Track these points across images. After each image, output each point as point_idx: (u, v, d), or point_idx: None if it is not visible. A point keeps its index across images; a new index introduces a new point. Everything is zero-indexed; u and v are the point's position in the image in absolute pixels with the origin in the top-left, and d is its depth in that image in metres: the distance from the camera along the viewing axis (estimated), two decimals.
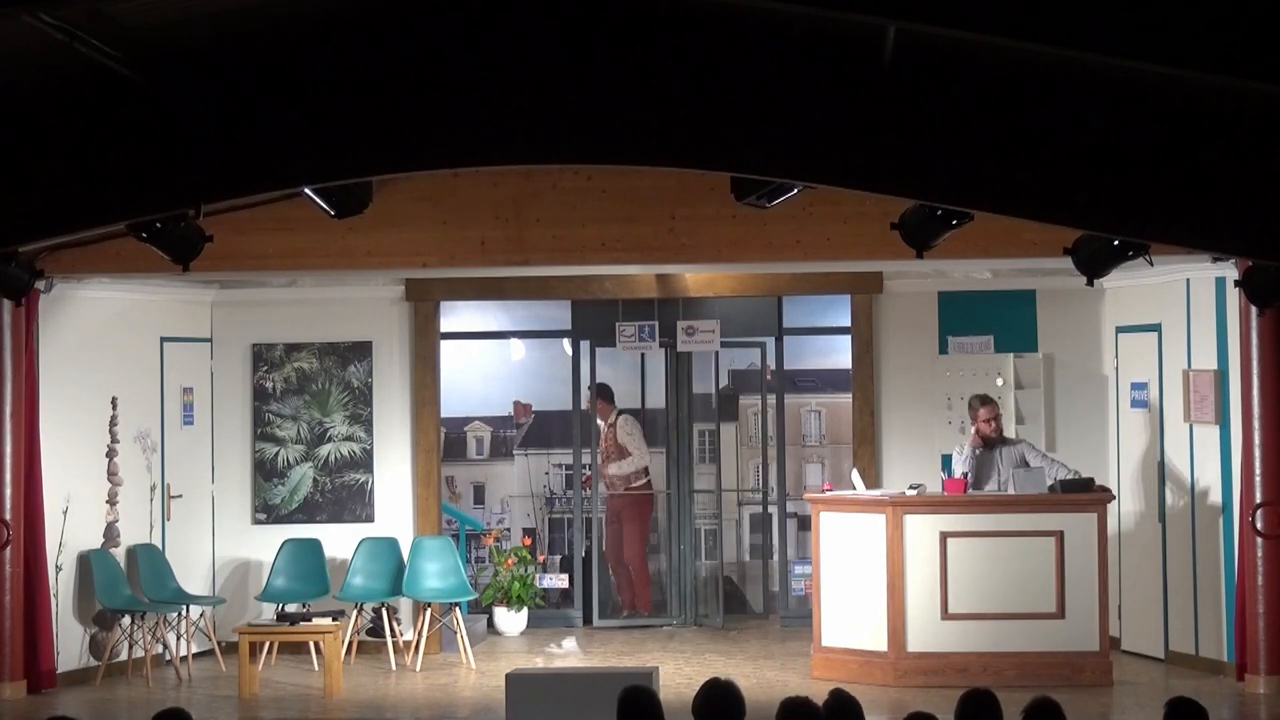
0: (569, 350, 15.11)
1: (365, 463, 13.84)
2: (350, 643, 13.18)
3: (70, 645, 12.69)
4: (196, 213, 9.18)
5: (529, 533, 16.36)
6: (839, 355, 15.12)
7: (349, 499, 13.83)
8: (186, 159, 8.74)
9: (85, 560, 12.76)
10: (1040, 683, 10.84)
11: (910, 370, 13.86)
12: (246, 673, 12.01)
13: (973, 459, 12.46)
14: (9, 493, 12.07)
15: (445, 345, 14.27)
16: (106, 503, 13.04)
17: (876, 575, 12.00)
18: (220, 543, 13.88)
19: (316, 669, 12.70)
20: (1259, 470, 11.72)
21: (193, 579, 13.54)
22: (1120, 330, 13.39)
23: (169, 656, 13.03)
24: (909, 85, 8.24)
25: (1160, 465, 12.83)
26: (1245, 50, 6.70)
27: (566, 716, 10.20)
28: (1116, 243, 9.45)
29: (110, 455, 13.07)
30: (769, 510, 15.47)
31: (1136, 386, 13.14)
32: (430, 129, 8.67)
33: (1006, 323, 13.82)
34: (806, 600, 13.96)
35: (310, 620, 12.29)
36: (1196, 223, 8.81)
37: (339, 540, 13.66)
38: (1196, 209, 8.70)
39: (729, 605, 15.05)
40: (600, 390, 14.93)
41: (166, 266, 9.80)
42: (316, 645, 12.77)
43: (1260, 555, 11.68)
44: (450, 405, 15.01)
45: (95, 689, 12.47)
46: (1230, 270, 11.73)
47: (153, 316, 13.45)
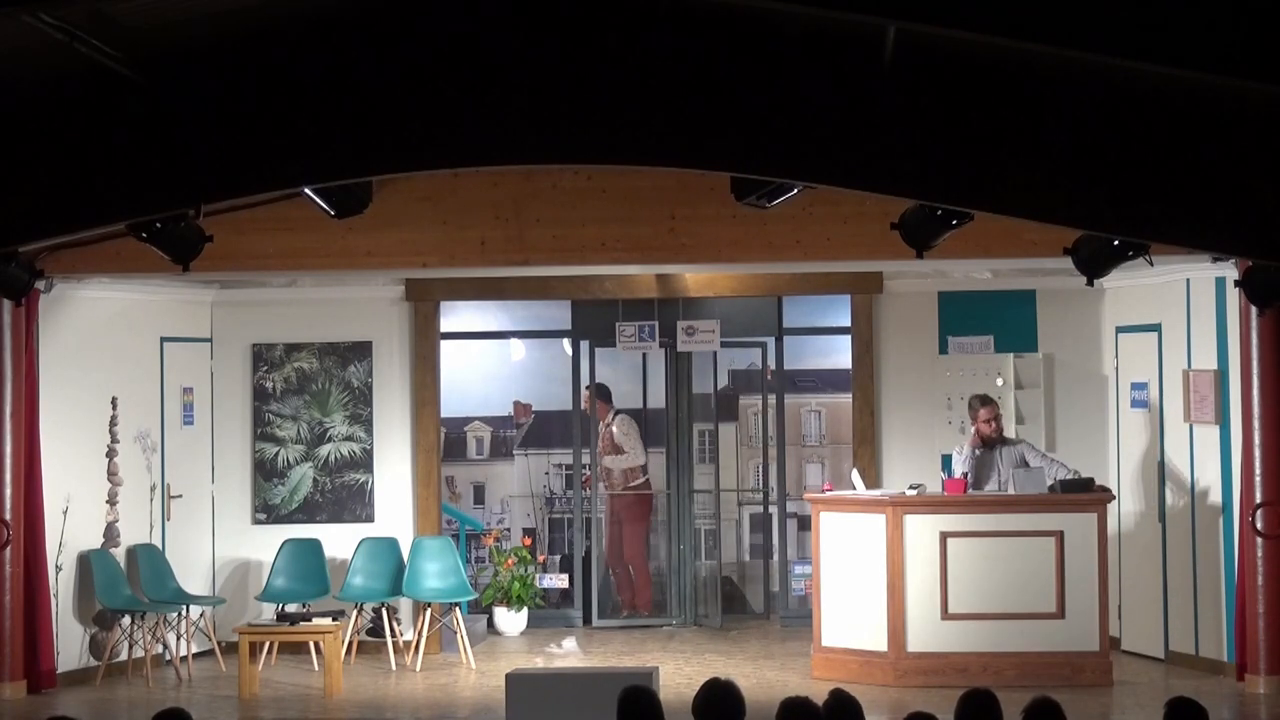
0: (569, 350, 15.11)
1: (365, 463, 13.84)
2: (350, 643, 13.18)
3: (70, 645, 12.69)
4: (196, 213, 9.18)
5: (529, 533, 16.35)
6: (839, 355, 15.11)
7: (349, 499, 13.83)
8: (186, 159, 8.73)
9: (85, 560, 12.76)
10: (1040, 683, 10.83)
11: (910, 370, 13.86)
12: (246, 673, 12.01)
13: (973, 459, 12.46)
14: (9, 493, 12.07)
15: (445, 345, 14.26)
16: (106, 503, 13.04)
17: (876, 575, 12.00)
18: (220, 543, 13.88)
19: (316, 669, 12.70)
20: (1259, 470, 11.71)
21: (193, 579, 13.54)
22: (1120, 330, 13.39)
23: (169, 656, 13.03)
24: (909, 85, 8.24)
25: (1160, 465, 12.83)
26: (1245, 50, 6.70)
27: (566, 716, 10.20)
28: (1116, 243, 9.45)
29: (110, 455, 13.07)
30: (769, 510, 15.47)
31: (1136, 386, 13.14)
32: (430, 129, 8.66)
33: (1006, 323, 13.81)
34: (806, 600, 13.96)
35: (310, 620, 12.29)
36: (1196, 223, 8.81)
37: (339, 540, 13.66)
38: (1196, 209, 8.70)
39: (729, 605, 15.06)
40: (599, 390, 14.93)
41: (166, 266, 9.79)
42: (316, 645, 12.76)
43: (1260, 555, 11.68)
44: (450, 405, 15.01)
45: (95, 689, 12.47)
46: (1230, 270, 11.72)
47: (153, 316, 13.44)
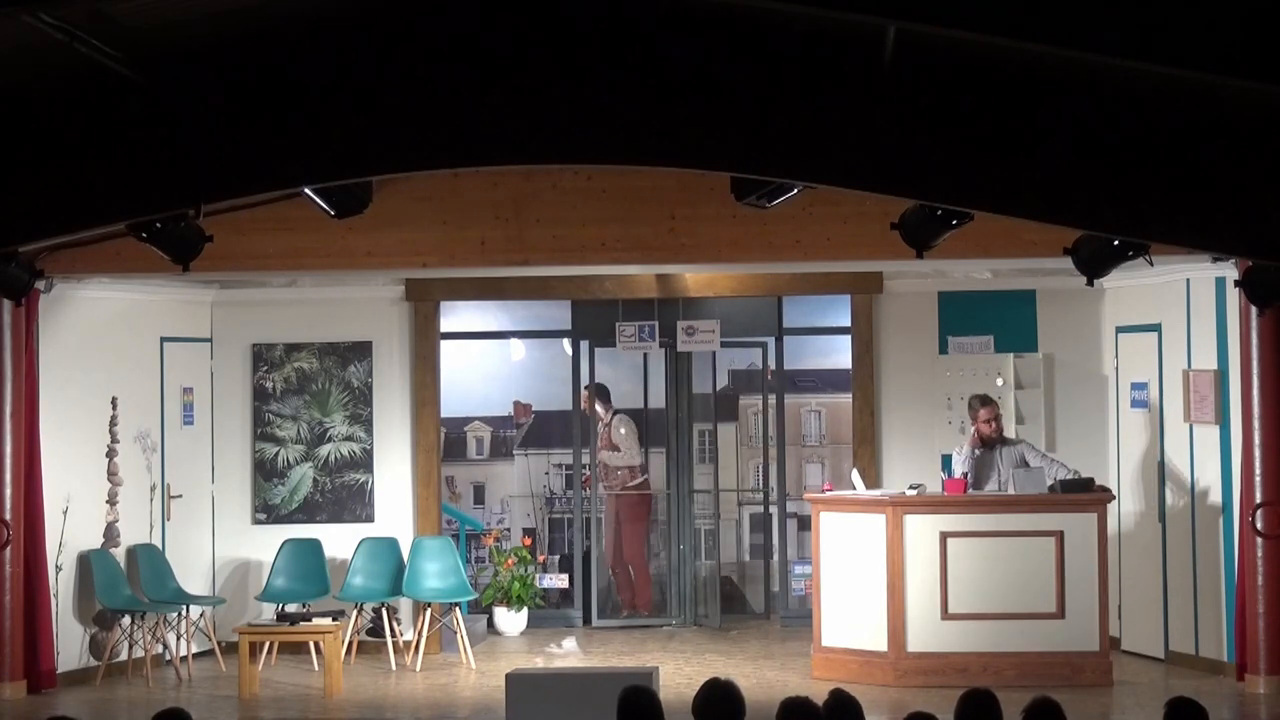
0: (569, 350, 15.11)
1: (365, 463, 13.84)
2: (350, 643, 13.18)
3: (70, 645, 12.69)
4: (196, 213, 9.18)
5: (529, 533, 16.35)
6: (839, 355, 15.11)
7: (349, 499, 13.83)
8: (186, 159, 8.73)
9: (85, 560, 12.76)
10: (1040, 683, 10.83)
11: (910, 370, 13.85)
12: (246, 673, 12.01)
13: (973, 459, 12.46)
14: (9, 493, 12.07)
15: (445, 345, 14.26)
16: (106, 503, 13.04)
17: (876, 575, 12.00)
18: (220, 543, 13.88)
19: (316, 669, 12.70)
20: (1259, 470, 11.71)
21: (193, 579, 13.54)
22: (1120, 330, 13.39)
23: (169, 656, 13.03)
24: (909, 85, 8.24)
25: (1160, 465, 12.83)
26: (1245, 50, 6.70)
27: (566, 716, 10.20)
28: (1116, 243, 9.44)
29: (110, 455, 13.06)
30: (769, 510, 15.47)
31: (1136, 386, 13.14)
32: (430, 129, 8.66)
33: (1006, 323, 13.81)
34: (806, 600, 13.95)
35: (310, 620, 12.29)
36: (1196, 223, 8.81)
37: (339, 540, 13.66)
38: (1196, 209, 8.70)
39: (729, 605, 15.06)
40: (598, 390, 14.93)
41: (166, 266, 9.80)
42: (316, 645, 12.76)
43: (1260, 555, 11.68)
44: (450, 405, 15.00)
45: (95, 689, 12.47)
46: (1230, 270, 11.72)
47: (153, 316, 13.44)
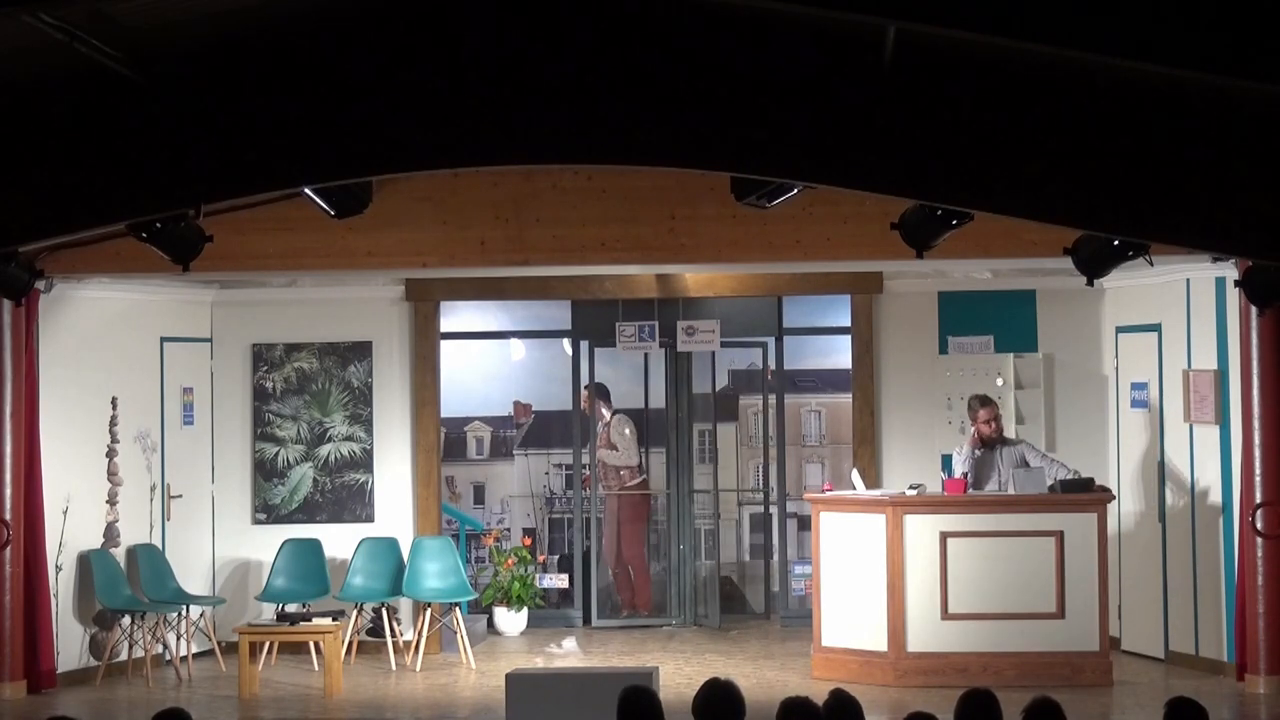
0: (569, 350, 15.11)
1: (365, 463, 13.84)
2: (350, 643, 13.18)
3: (70, 645, 12.69)
4: (196, 213, 9.18)
5: (529, 533, 16.35)
6: (839, 355, 15.11)
7: (349, 499, 13.83)
8: (186, 159, 8.73)
9: (85, 560, 12.76)
10: (1040, 683, 10.83)
11: (910, 370, 13.85)
12: (246, 673, 12.01)
13: (973, 459, 12.46)
14: (9, 493, 12.07)
15: (445, 345, 14.26)
16: (106, 503, 13.04)
17: (876, 575, 12.00)
18: (220, 543, 13.88)
19: (316, 669, 12.70)
20: (1259, 470, 11.71)
21: (193, 579, 13.54)
22: (1120, 330, 13.39)
23: (169, 656, 13.03)
24: (909, 85, 8.24)
25: (1160, 465, 12.83)
26: (1245, 50, 6.70)
27: (566, 716, 10.19)
28: (1116, 243, 9.44)
29: (110, 455, 13.07)
30: (769, 510, 15.46)
31: (1136, 386, 13.14)
32: (430, 129, 8.66)
33: (1006, 323, 13.81)
34: (806, 600, 13.95)
35: (310, 620, 12.29)
36: (1196, 223, 8.80)
37: (339, 540, 13.66)
38: (1196, 209, 8.70)
39: (729, 605, 15.06)
40: (598, 389, 14.94)
41: (166, 266, 9.80)
42: (316, 645, 12.76)
43: (1260, 555, 11.68)
44: (450, 405, 15.00)
45: (95, 689, 12.47)
46: (1230, 270, 11.72)
47: (153, 316, 13.44)
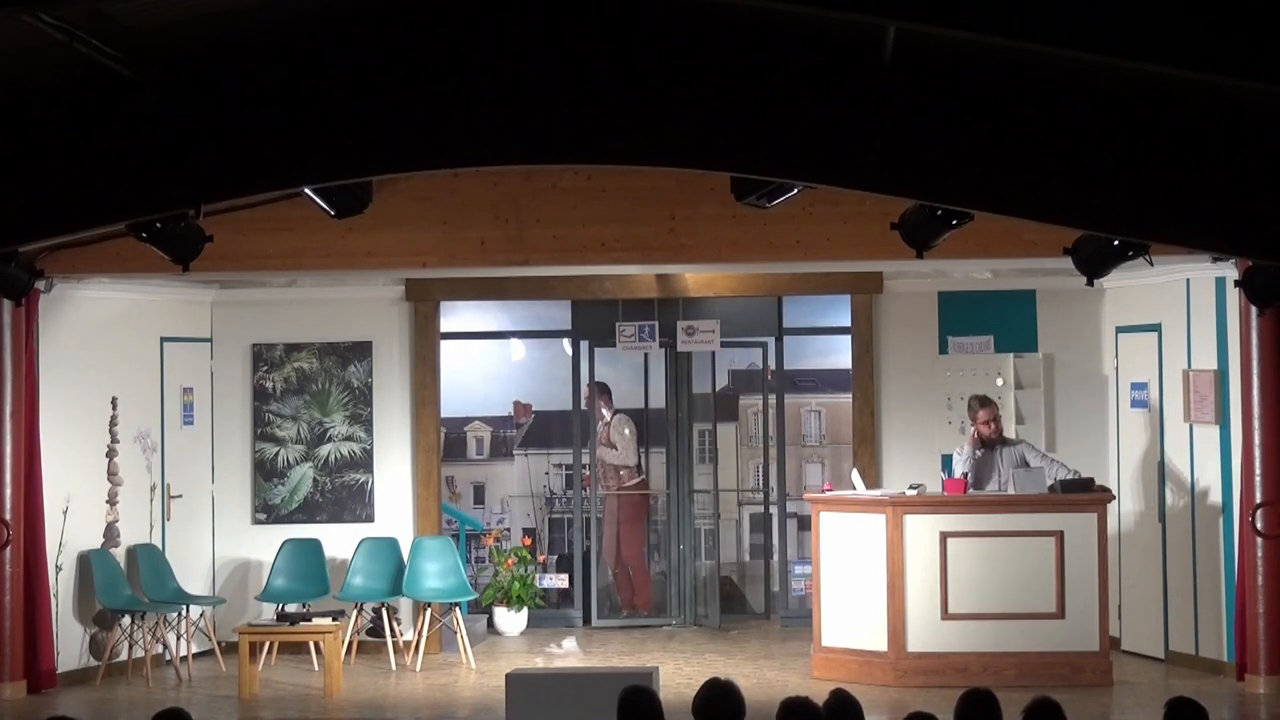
0: (569, 350, 15.11)
1: (365, 463, 13.84)
2: (350, 643, 13.18)
3: (70, 645, 12.69)
4: (196, 213, 9.18)
5: (529, 533, 16.34)
6: (839, 355, 15.11)
7: (349, 499, 13.83)
8: (186, 159, 8.73)
9: (85, 560, 12.75)
10: (1040, 683, 10.83)
11: (910, 370, 13.85)
12: (246, 673, 12.01)
13: (973, 459, 12.46)
14: (9, 493, 12.06)
15: (445, 345, 14.26)
16: (106, 503, 13.04)
17: (876, 575, 12.00)
18: (220, 543, 13.88)
19: (316, 669, 12.70)
20: (1259, 470, 11.71)
21: (193, 579, 13.54)
22: (1120, 330, 13.39)
23: (169, 656, 13.03)
24: (909, 85, 8.24)
25: (1160, 465, 12.83)
26: (1245, 50, 6.70)
27: (566, 716, 10.20)
28: (1116, 243, 9.44)
29: (110, 455, 13.06)
30: (769, 510, 15.46)
31: (1136, 386, 13.14)
32: (430, 129, 8.66)
33: (1006, 323, 13.81)
34: (806, 600, 13.95)
35: (310, 620, 12.29)
36: (1196, 223, 8.80)
37: (339, 540, 13.66)
38: (1196, 209, 8.70)
39: (729, 605, 15.06)
40: (599, 387, 14.97)
41: (166, 266, 9.80)
42: (316, 645, 12.76)
43: (1260, 555, 11.68)
44: (450, 405, 15.00)
45: (95, 689, 12.47)
46: (1230, 270, 11.72)
47: (153, 316, 13.44)
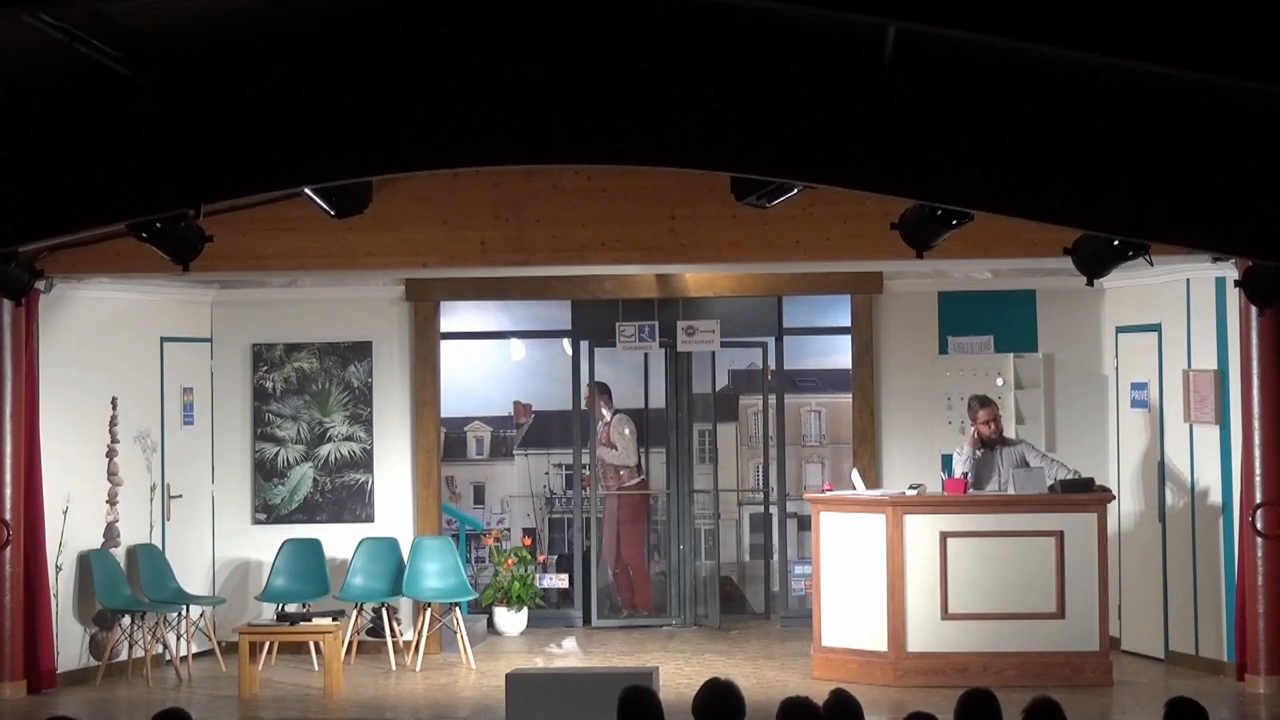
0: (569, 350, 15.11)
1: (365, 463, 13.84)
2: (350, 643, 13.17)
3: (70, 645, 12.69)
4: (196, 213, 9.18)
5: (529, 533, 16.34)
6: (839, 355, 15.11)
7: (349, 499, 13.83)
8: (186, 159, 8.73)
9: (85, 560, 12.75)
10: (1040, 683, 10.83)
11: (910, 370, 13.85)
12: (246, 673, 12.01)
13: (973, 459, 12.46)
14: (9, 493, 12.06)
15: (445, 345, 14.26)
16: (106, 503, 13.04)
17: (876, 575, 12.00)
18: (220, 543, 13.88)
19: (316, 669, 12.70)
20: (1259, 470, 11.71)
21: (193, 579, 13.54)
22: (1120, 330, 13.39)
23: (169, 656, 13.03)
24: (909, 85, 8.24)
25: (1160, 465, 12.83)
26: (1245, 50, 6.70)
27: (566, 716, 10.19)
28: (1116, 243, 9.44)
29: (110, 455, 13.06)
30: (769, 510, 15.46)
31: (1136, 386, 13.14)
32: (430, 129, 8.66)
33: (1006, 323, 13.81)
34: (806, 600, 13.95)
35: (310, 620, 12.29)
36: (1196, 223, 8.80)
37: (339, 540, 13.66)
38: (1196, 209, 8.70)
39: (729, 605, 15.06)
40: (600, 387, 14.98)
41: (166, 266, 9.80)
42: (316, 645, 12.76)
43: (1260, 555, 11.68)
44: (450, 405, 15.00)
45: (95, 689, 12.47)
46: (1230, 270, 11.72)
47: (153, 316, 13.44)
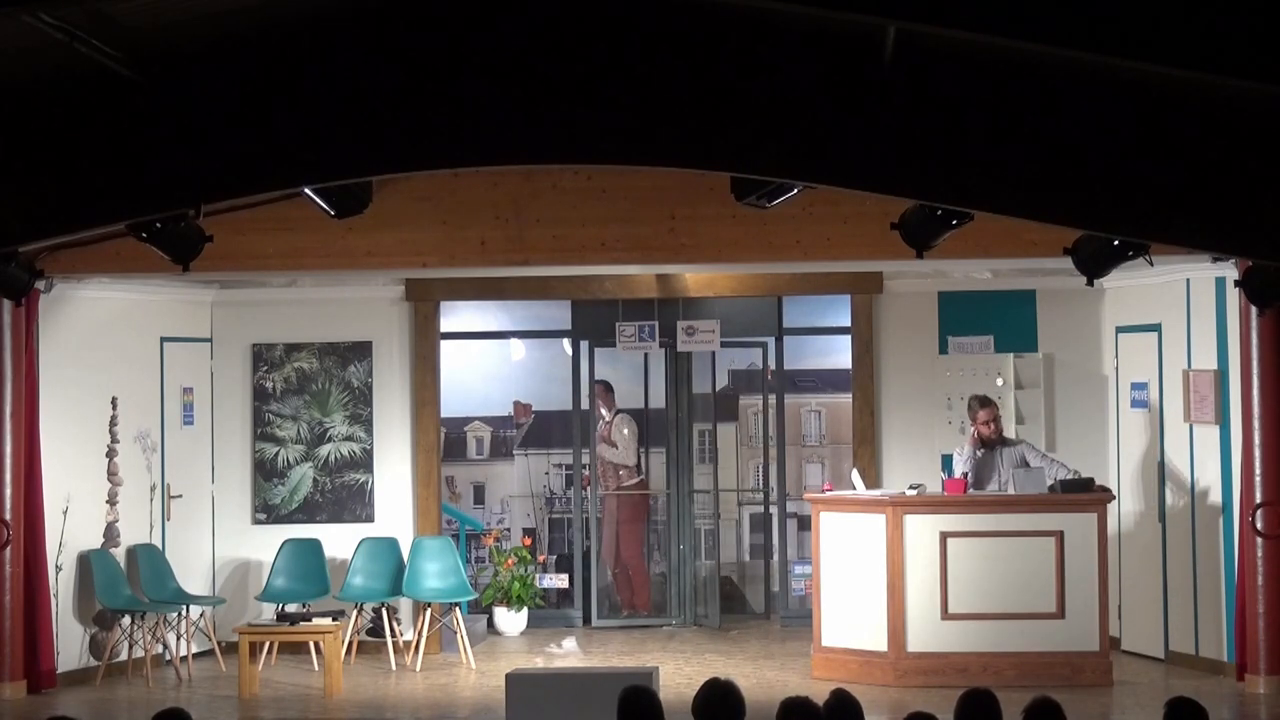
0: (569, 350, 15.11)
1: (365, 463, 13.84)
2: (350, 643, 13.18)
3: (70, 645, 12.69)
4: (196, 213, 9.18)
5: (529, 533, 16.35)
6: (839, 355, 15.11)
7: (349, 499, 13.83)
8: (186, 159, 8.73)
9: (85, 560, 12.75)
10: (1040, 683, 10.83)
11: (910, 370, 13.85)
12: (246, 673, 12.01)
13: (974, 459, 12.46)
14: (9, 493, 12.06)
15: (445, 345, 14.26)
16: (106, 503, 13.04)
17: (876, 575, 12.00)
18: (220, 543, 13.88)
19: (316, 669, 12.70)
20: (1259, 470, 11.71)
21: (193, 579, 13.54)
22: (1120, 330, 13.39)
23: (169, 656, 13.03)
24: (909, 85, 8.24)
25: (1160, 465, 12.83)
26: (1245, 50, 6.70)
27: (566, 716, 10.20)
28: (1116, 243, 9.44)
29: (110, 455, 13.06)
30: (769, 510, 15.47)
31: (1136, 386, 13.14)
32: (430, 129, 8.66)
33: (1006, 323, 13.81)
34: (806, 600, 13.95)
35: (310, 620, 12.29)
36: (1196, 223, 8.80)
37: (339, 540, 13.66)
38: (1196, 209, 8.70)
39: (729, 605, 15.06)
40: (604, 386, 14.99)
41: (166, 266, 9.80)
42: (316, 645, 12.76)
43: (1260, 555, 11.68)
44: (450, 405, 15.01)
45: (95, 689, 12.47)
46: (1230, 270, 11.72)
47: (153, 316, 13.44)
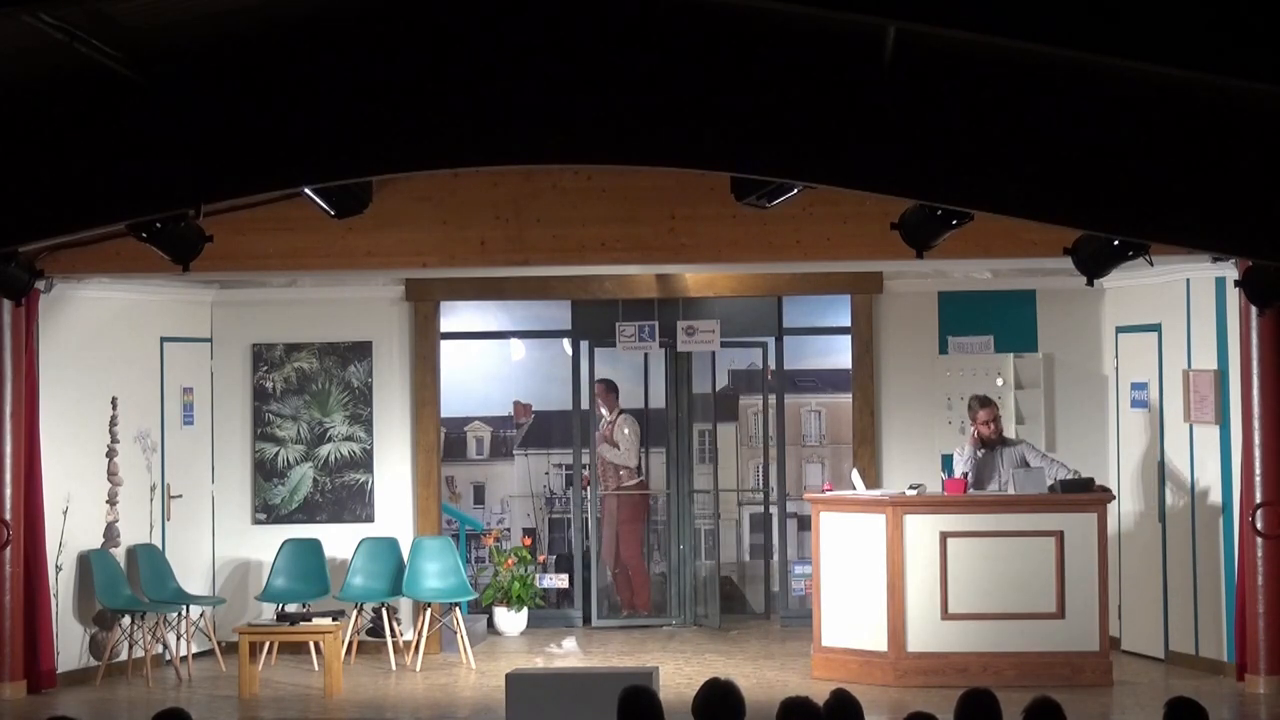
0: (569, 350, 15.11)
1: (365, 463, 13.84)
2: (350, 643, 13.18)
3: (70, 645, 12.69)
4: (196, 213, 9.18)
5: (529, 533, 16.35)
6: (839, 355, 15.11)
7: (349, 499, 13.83)
8: (186, 159, 8.73)
9: (85, 560, 12.76)
10: (1040, 683, 10.83)
11: (910, 370, 13.85)
12: (246, 673, 12.01)
13: (973, 459, 12.46)
14: (9, 493, 12.07)
15: (445, 345, 14.26)
16: (106, 503, 13.04)
17: (876, 575, 12.00)
18: (220, 543, 13.88)
19: (316, 669, 12.70)
20: (1259, 470, 11.71)
21: (193, 579, 13.54)
22: (1120, 330, 13.39)
23: (169, 656, 13.03)
24: (909, 85, 8.24)
25: (1160, 465, 12.83)
26: (1245, 50, 6.70)
27: (566, 716, 10.20)
28: (1116, 243, 9.44)
29: (110, 455, 13.06)
30: (769, 510, 15.47)
31: (1136, 386, 13.14)
32: (430, 129, 8.66)
33: (1006, 323, 13.81)
34: (806, 600, 13.96)
35: (310, 620, 12.29)
36: (1196, 223, 8.80)
37: (339, 540, 13.66)
38: (1196, 209, 8.70)
39: (729, 605, 15.06)
40: (608, 385, 14.98)
41: (166, 266, 9.80)
42: (316, 645, 12.76)
43: (1260, 555, 11.68)
44: (450, 405, 15.00)
45: (95, 689, 12.47)
46: (1230, 270, 11.72)
47: (153, 316, 13.44)
